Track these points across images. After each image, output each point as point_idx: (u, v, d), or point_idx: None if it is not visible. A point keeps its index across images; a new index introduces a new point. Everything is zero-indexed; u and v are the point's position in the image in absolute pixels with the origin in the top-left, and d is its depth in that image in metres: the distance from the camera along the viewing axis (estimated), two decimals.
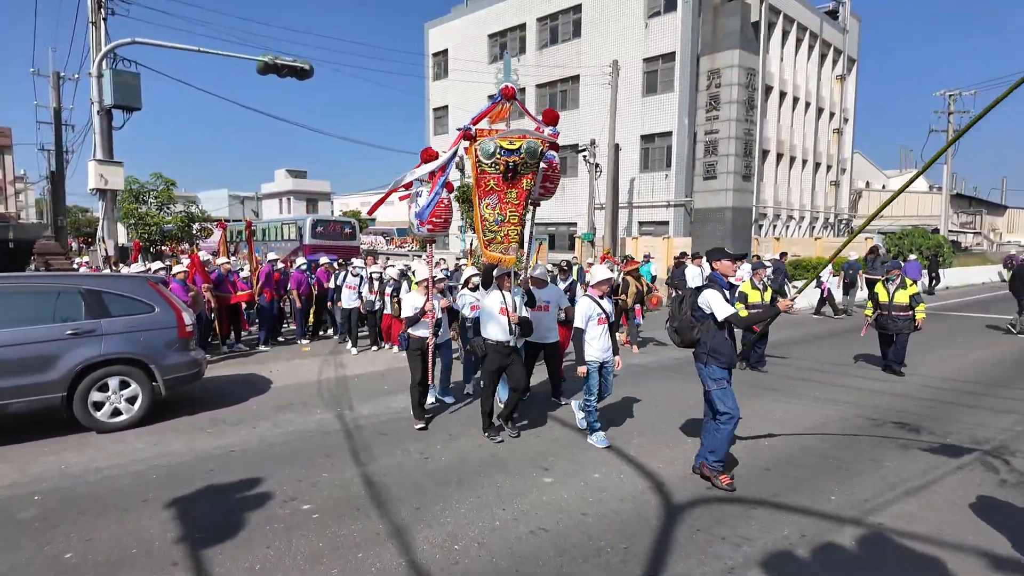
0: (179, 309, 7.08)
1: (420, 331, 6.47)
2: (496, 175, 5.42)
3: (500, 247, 5.64)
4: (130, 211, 16.93)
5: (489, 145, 5.32)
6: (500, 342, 5.93)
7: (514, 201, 5.54)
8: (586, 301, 5.75)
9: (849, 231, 38.52)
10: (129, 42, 10.62)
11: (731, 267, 4.89)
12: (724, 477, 4.78)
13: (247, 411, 7.16)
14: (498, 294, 5.98)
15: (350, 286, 10.87)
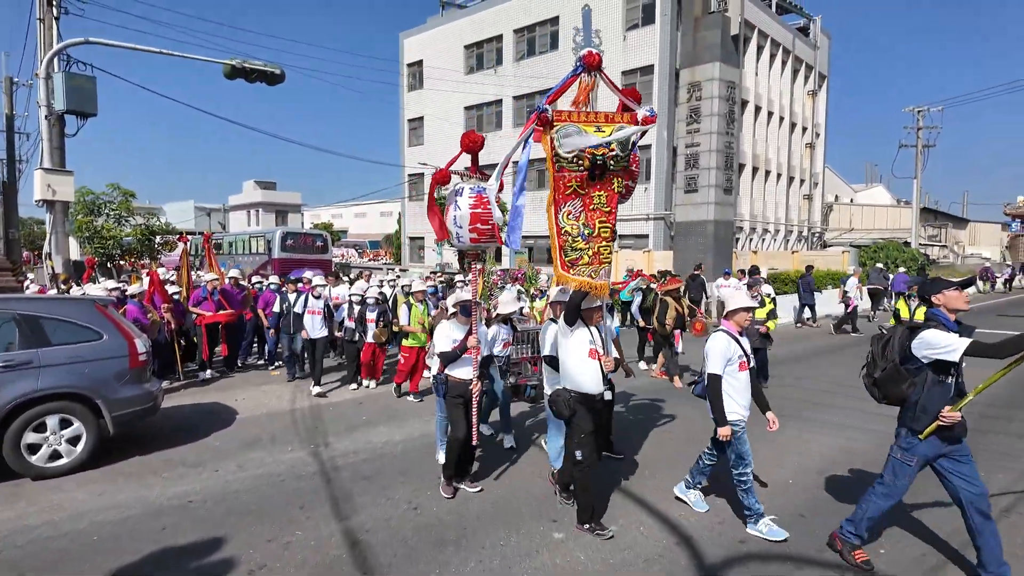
0: (131, 335, 6.28)
1: (462, 372, 5.20)
2: (579, 173, 4.25)
3: (588, 269, 4.29)
4: (84, 224, 15.85)
5: (571, 133, 4.18)
6: (591, 395, 4.52)
7: (603, 207, 4.35)
8: (723, 339, 4.45)
9: (822, 244, 38.97)
10: (81, 41, 9.77)
11: (962, 299, 3.80)
12: (859, 553, 3.95)
13: (208, 449, 6.37)
14: (585, 332, 4.54)
15: (314, 311, 9.01)
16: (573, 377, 4.52)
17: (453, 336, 5.22)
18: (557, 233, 4.29)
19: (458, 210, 4.62)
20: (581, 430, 4.44)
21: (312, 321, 8.97)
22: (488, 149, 29.76)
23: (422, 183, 35.12)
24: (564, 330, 4.58)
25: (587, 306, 4.53)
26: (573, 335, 4.54)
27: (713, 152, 19.58)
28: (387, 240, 52.83)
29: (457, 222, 4.63)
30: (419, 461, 5.94)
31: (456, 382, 5.21)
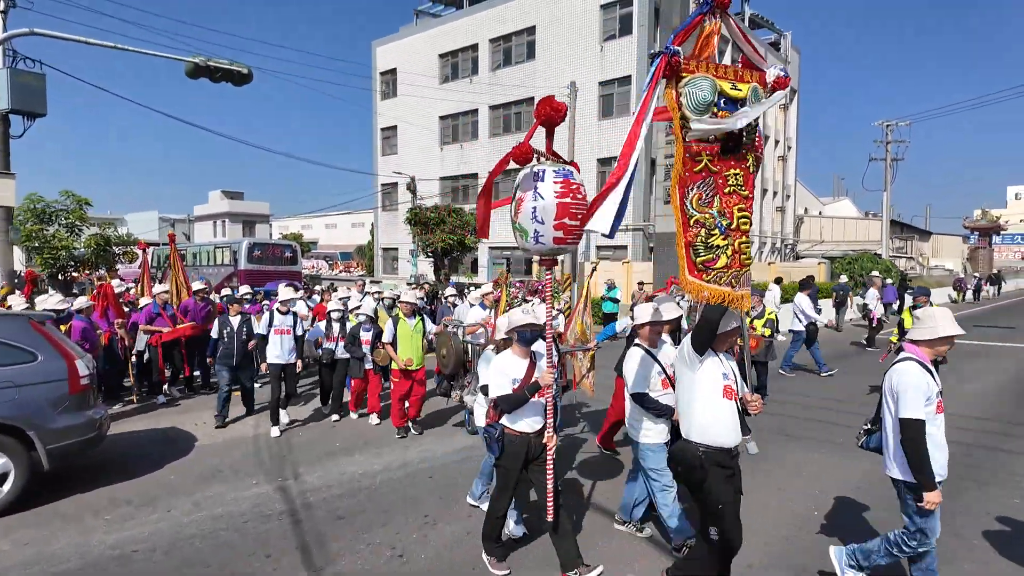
0: (72, 356, 5.53)
1: (526, 421, 3.89)
2: (710, 146, 3.21)
3: (727, 274, 3.18)
4: (33, 233, 14.79)
5: (705, 89, 3.05)
6: (727, 449, 3.36)
7: (740, 190, 3.27)
8: (917, 370, 3.33)
9: (794, 256, 39.38)
10: (26, 32, 8.97)
11: None
12: None
13: (161, 484, 5.64)
14: (717, 363, 3.41)
15: (282, 329, 7.46)
16: (703, 425, 3.36)
17: (512, 373, 3.87)
18: (684, 225, 3.23)
19: (539, 200, 3.47)
20: (717, 499, 3.30)
21: (281, 343, 7.43)
22: (463, 158, 29.33)
23: (396, 193, 34.43)
24: (688, 360, 3.42)
25: (725, 328, 3.35)
26: (703, 367, 3.38)
27: None
28: (359, 251, 51.82)
29: (537, 216, 3.47)
30: (401, 496, 5.31)
31: (517, 437, 3.90)
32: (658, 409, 4.15)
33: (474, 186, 31.23)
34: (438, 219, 24.15)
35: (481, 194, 3.88)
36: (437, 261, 25.30)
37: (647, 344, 4.31)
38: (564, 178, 3.52)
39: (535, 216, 3.49)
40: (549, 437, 3.78)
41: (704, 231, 3.18)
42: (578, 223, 3.50)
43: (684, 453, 3.39)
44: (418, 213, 24.74)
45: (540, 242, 3.52)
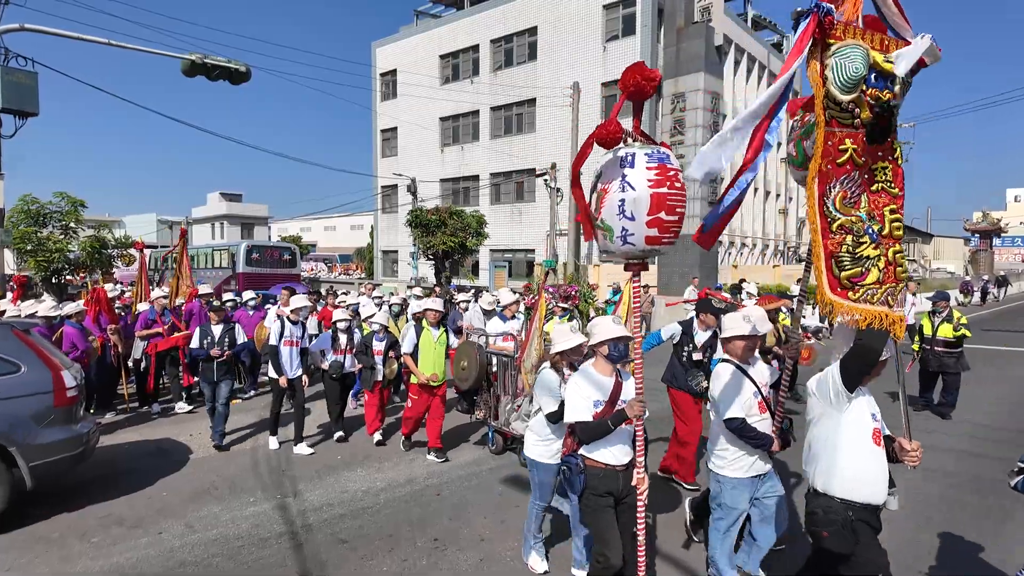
0: (58, 366, 5.21)
1: (611, 453, 3.26)
2: (855, 132, 2.63)
3: (881, 291, 2.65)
4: (26, 235, 14.45)
5: (856, 60, 2.51)
6: (875, 506, 2.90)
7: (891, 189, 2.72)
8: None
9: (797, 258, 39.12)
10: (16, 28, 8.67)
11: None
12: None
13: (153, 503, 5.31)
14: (867, 402, 2.94)
15: (291, 341, 6.81)
16: (851, 479, 2.82)
17: (594, 394, 3.25)
18: (824, 231, 2.65)
19: (628, 190, 2.80)
20: (869, 566, 2.78)
21: (290, 355, 6.80)
22: (464, 160, 28.98)
23: (395, 195, 34.13)
24: (835, 398, 2.87)
25: (876, 355, 2.78)
26: (852, 407, 2.85)
27: None
28: (359, 254, 51.51)
29: (626, 210, 2.80)
30: (407, 517, 4.99)
31: (601, 471, 3.24)
32: (758, 439, 3.43)
33: (475, 188, 30.97)
34: (439, 221, 23.83)
35: (574, 185, 3.11)
36: (438, 264, 25.00)
37: (738, 360, 3.59)
38: (659, 163, 2.84)
39: (622, 211, 2.82)
40: (640, 478, 3.07)
41: (851, 238, 2.63)
42: (677, 219, 2.86)
43: (829, 513, 2.83)
44: (419, 215, 24.41)
45: (629, 242, 2.86)
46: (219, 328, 7.13)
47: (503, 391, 6.50)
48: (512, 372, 6.33)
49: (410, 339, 6.40)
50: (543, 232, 27.21)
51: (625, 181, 2.83)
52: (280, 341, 6.77)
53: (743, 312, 3.74)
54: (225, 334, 7.11)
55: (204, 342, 6.95)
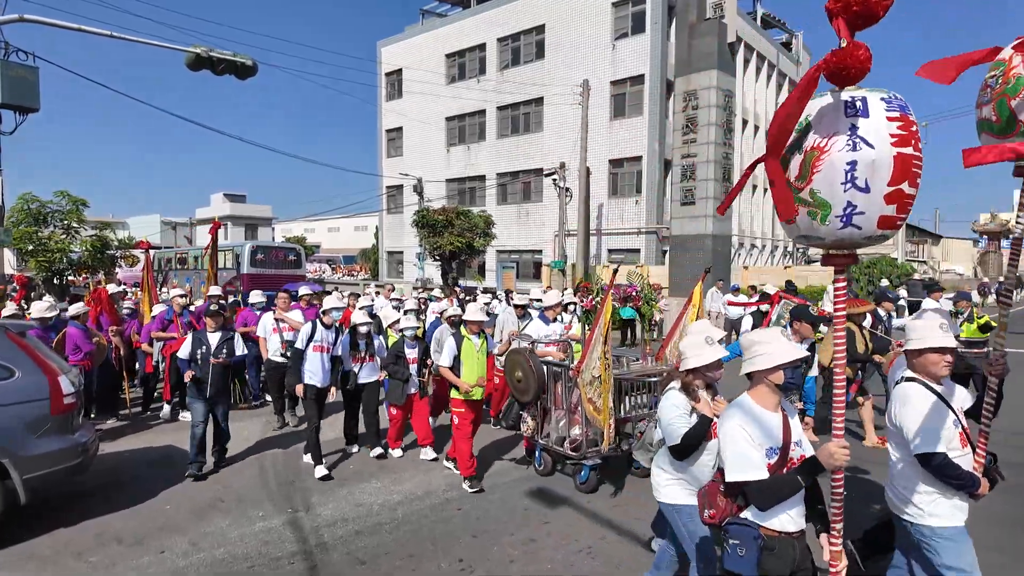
0: (55, 371, 4.89)
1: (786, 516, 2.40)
2: None
3: None
4: (27, 235, 14.17)
5: None
6: None
7: None
8: None
9: (806, 260, 38.68)
10: (15, 19, 8.38)
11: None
12: None
13: (155, 517, 4.97)
14: None
15: (322, 346, 6.13)
16: None
17: (763, 439, 2.42)
18: None
19: (862, 149, 2.02)
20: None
21: (321, 363, 6.12)
22: (470, 160, 28.60)
23: (401, 195, 33.83)
24: None
25: None
26: None
27: (711, 163, 18.78)
28: (363, 255, 51.22)
29: (857, 178, 2.03)
30: (429, 534, 4.64)
31: (778, 541, 2.40)
32: (962, 480, 2.74)
33: (481, 188, 30.65)
34: (446, 221, 23.53)
35: (769, 157, 2.18)
36: (444, 264, 24.69)
37: (931, 378, 2.86)
38: (901, 112, 2.04)
39: (851, 179, 2.03)
40: (836, 551, 2.33)
41: None
42: (914, 194, 2.08)
43: None
44: (425, 215, 24.12)
45: (855, 223, 2.07)
46: (216, 336, 6.14)
47: (553, 405, 5.81)
48: (566, 384, 5.66)
49: (450, 349, 5.72)
50: (551, 232, 26.86)
51: (857, 136, 2.02)
52: (308, 346, 6.07)
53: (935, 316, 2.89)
54: (223, 344, 6.11)
55: (198, 352, 5.96)
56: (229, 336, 6.29)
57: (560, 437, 5.74)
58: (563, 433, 5.75)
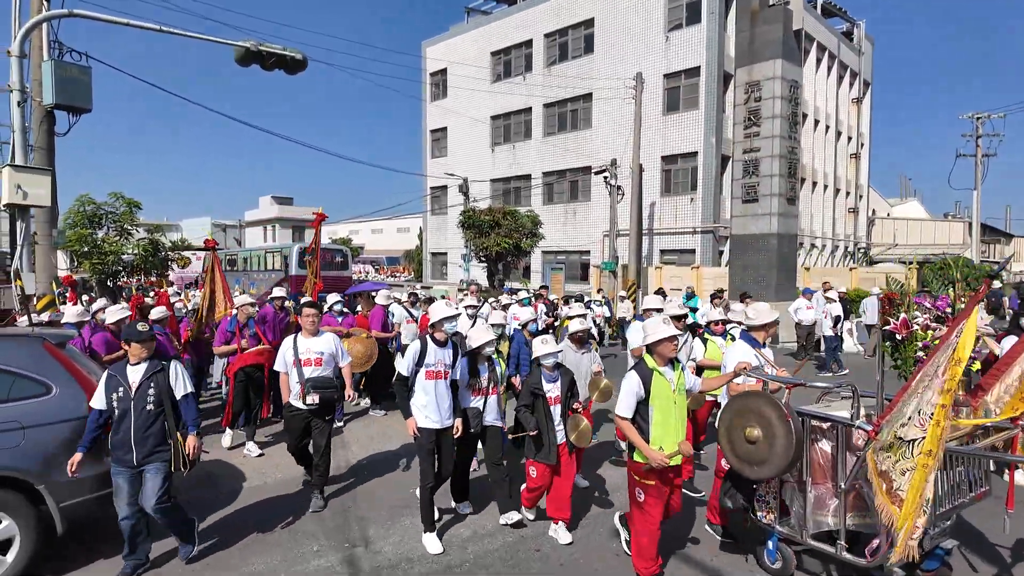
0: (94, 387, 4.42)
1: None
2: None
3: None
4: (82, 237, 14.24)
5: None
6: None
7: None
8: None
9: (867, 260, 36.66)
10: (65, 13, 8.17)
11: None
12: None
13: (201, 550, 4.47)
14: None
15: (437, 371, 4.63)
16: None
17: None
18: None
19: None
20: None
21: (435, 394, 4.61)
22: (515, 159, 27.92)
23: (445, 196, 33.50)
24: None
25: None
26: None
27: (775, 158, 17.65)
28: (407, 256, 51.30)
29: None
30: None
31: None
32: None
33: (526, 187, 30.02)
34: (492, 222, 22.99)
35: None
36: (491, 266, 24.16)
37: None
38: None
39: None
40: None
41: None
42: None
43: None
44: (472, 216, 23.62)
45: None
46: (139, 371, 4.02)
47: (810, 476, 3.78)
48: (843, 446, 3.65)
49: (633, 389, 3.80)
50: (599, 232, 26.02)
51: None
52: (419, 370, 4.60)
53: None
54: (148, 384, 4.01)
55: (112, 399, 4.00)
56: (158, 369, 4.10)
57: (825, 525, 3.75)
58: (828, 519, 3.74)
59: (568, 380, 4.83)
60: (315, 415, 5.22)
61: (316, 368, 5.26)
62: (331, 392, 5.22)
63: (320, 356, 5.31)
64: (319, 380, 5.19)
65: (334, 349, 5.46)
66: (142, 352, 4.09)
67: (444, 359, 4.66)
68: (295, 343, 5.32)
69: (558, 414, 4.69)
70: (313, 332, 5.38)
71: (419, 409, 4.62)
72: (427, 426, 4.60)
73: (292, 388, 5.23)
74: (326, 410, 5.31)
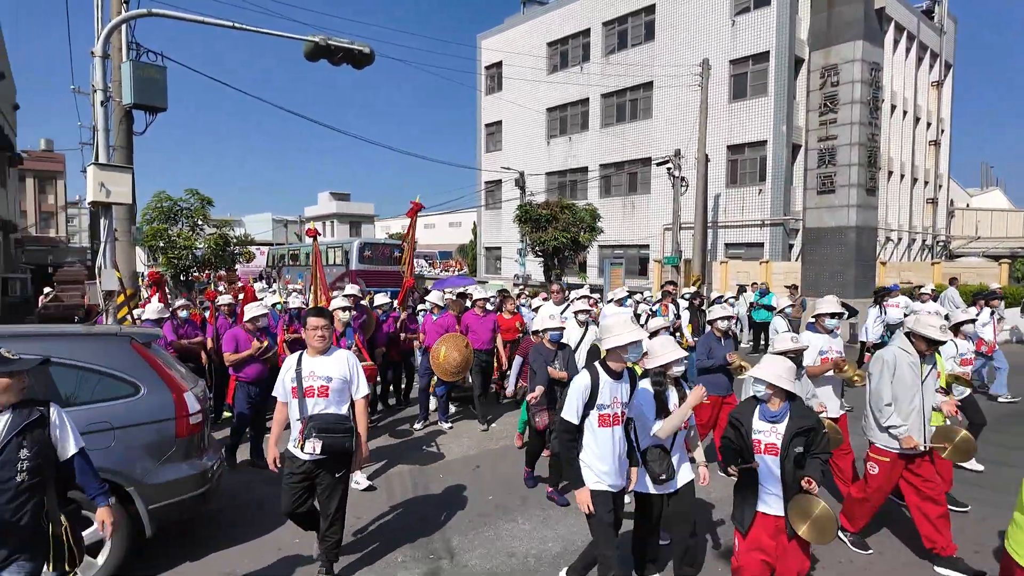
0: (181, 387, 4.37)
1: None
2: None
3: None
4: (159, 232, 14.74)
5: None
6: None
7: None
8: None
9: (947, 254, 34.38)
10: (144, 13, 8.32)
11: None
12: None
13: (283, 554, 4.36)
14: None
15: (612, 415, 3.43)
16: None
17: None
18: None
19: None
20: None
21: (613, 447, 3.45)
22: (571, 151, 27.25)
23: (499, 190, 33.33)
24: None
25: None
26: None
27: (854, 146, 16.58)
28: (460, 251, 51.55)
29: None
30: None
31: None
32: None
33: (583, 180, 29.50)
34: (550, 216, 22.61)
35: None
36: (547, 261, 23.80)
37: None
38: None
39: None
40: None
41: None
42: None
43: None
44: (528, 210, 23.31)
45: None
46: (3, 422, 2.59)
47: None
48: None
49: None
50: (659, 226, 25.29)
51: None
52: (589, 415, 3.38)
53: None
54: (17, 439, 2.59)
55: None
56: (31, 419, 2.65)
57: None
58: None
59: (803, 426, 3.16)
60: (321, 468, 3.82)
61: (320, 401, 3.82)
62: (341, 439, 3.76)
63: (326, 384, 3.83)
64: (325, 420, 3.75)
65: (348, 373, 3.92)
66: (4, 395, 2.59)
67: (620, 396, 3.44)
68: (299, 363, 3.90)
69: (775, 470, 3.22)
70: (322, 349, 3.89)
71: (590, 468, 3.39)
72: (603, 489, 3.38)
73: (292, 426, 3.88)
74: (336, 463, 3.84)
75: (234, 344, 6.06)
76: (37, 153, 42.96)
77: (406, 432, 7.51)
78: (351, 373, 3.95)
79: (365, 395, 4.04)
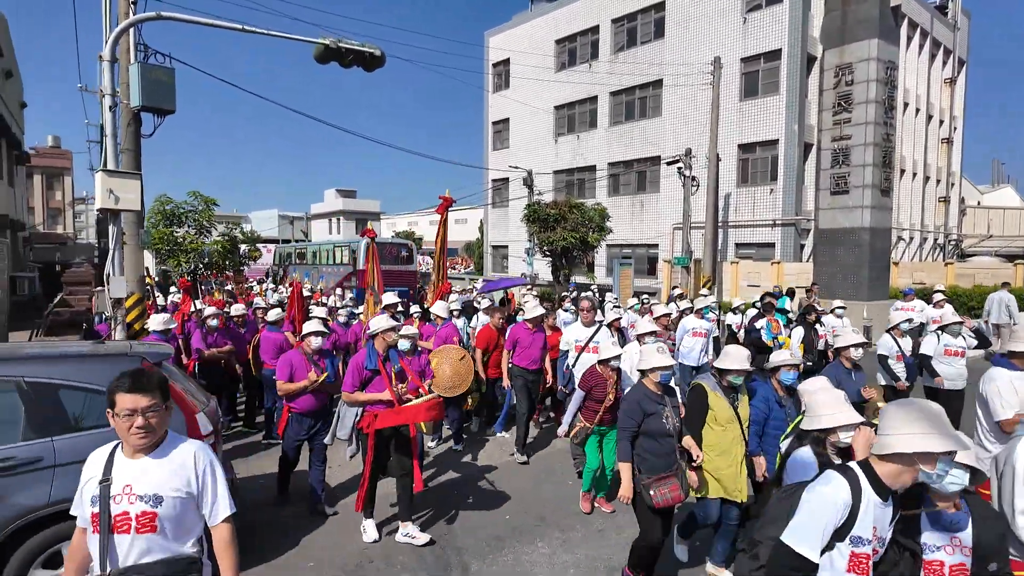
0: (192, 407, 4.27)
1: None
2: None
3: None
4: (164, 236, 14.67)
5: None
6: None
7: None
8: None
9: (959, 253, 34.01)
10: (153, 16, 8.18)
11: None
12: None
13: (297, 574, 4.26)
14: None
15: None
16: None
17: None
18: None
19: None
20: None
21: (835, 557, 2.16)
22: (579, 150, 27.12)
23: (506, 188, 33.16)
24: None
25: None
26: None
27: (869, 146, 16.33)
28: (467, 248, 51.45)
29: None
30: None
31: None
32: None
33: (591, 179, 29.29)
34: (558, 215, 22.43)
35: None
36: (555, 260, 23.63)
37: None
38: None
39: None
40: None
41: None
42: None
43: None
44: (536, 209, 23.14)
45: None
46: None
47: None
48: None
49: None
50: (668, 225, 25.09)
51: None
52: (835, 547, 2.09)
53: None
54: None
55: None
56: None
57: None
58: None
59: None
60: None
61: (140, 540, 2.16)
62: None
63: (152, 508, 2.17)
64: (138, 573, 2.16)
65: (195, 483, 2.27)
66: None
67: (883, 525, 2.12)
68: (107, 468, 2.22)
69: None
70: (144, 446, 2.23)
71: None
72: None
73: None
74: None
75: (288, 370, 5.16)
76: (45, 150, 43.11)
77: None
78: (200, 482, 2.27)
79: (229, 514, 2.32)
